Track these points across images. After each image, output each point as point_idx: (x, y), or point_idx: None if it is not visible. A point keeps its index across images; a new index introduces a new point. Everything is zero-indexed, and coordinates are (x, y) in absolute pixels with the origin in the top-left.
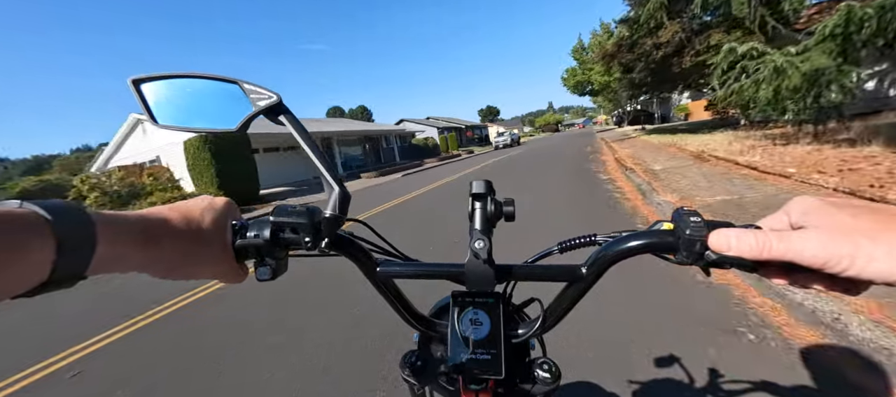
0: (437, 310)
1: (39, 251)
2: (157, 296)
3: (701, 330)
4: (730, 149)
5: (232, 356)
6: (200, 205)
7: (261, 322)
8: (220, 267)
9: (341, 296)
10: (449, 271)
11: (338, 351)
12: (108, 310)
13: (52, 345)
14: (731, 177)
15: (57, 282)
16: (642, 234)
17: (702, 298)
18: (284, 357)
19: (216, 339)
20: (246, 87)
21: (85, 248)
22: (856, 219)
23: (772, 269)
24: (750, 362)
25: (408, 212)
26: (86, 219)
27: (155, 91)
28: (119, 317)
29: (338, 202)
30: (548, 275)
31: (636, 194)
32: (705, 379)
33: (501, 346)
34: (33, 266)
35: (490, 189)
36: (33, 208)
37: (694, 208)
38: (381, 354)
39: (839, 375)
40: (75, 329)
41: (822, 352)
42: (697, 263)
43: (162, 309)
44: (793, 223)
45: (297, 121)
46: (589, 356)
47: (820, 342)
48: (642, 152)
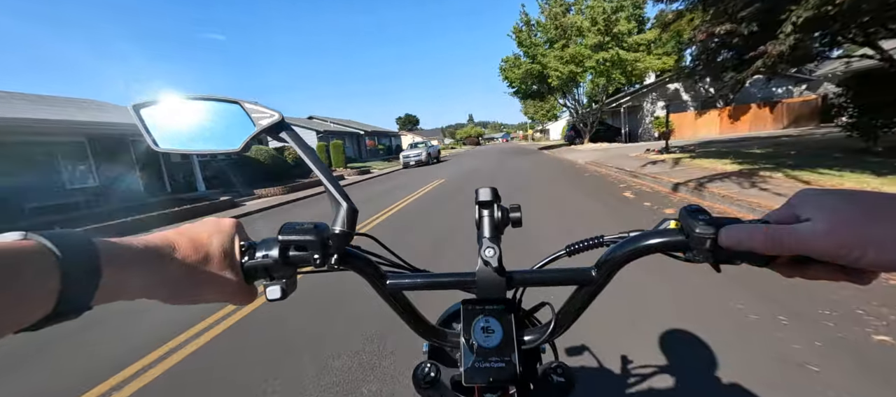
0: (445, 319)
1: (45, 284)
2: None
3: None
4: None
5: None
6: (207, 228)
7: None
8: (230, 289)
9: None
10: (459, 280)
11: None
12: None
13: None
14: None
15: (62, 315)
16: (651, 234)
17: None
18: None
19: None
20: (247, 107)
21: (90, 279)
22: (863, 210)
23: (783, 263)
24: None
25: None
26: (91, 249)
27: (155, 114)
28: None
29: (346, 218)
30: (559, 279)
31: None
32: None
33: (515, 353)
34: (39, 300)
35: (496, 196)
36: (39, 240)
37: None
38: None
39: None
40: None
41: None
42: (708, 261)
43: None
44: (798, 216)
45: (300, 138)
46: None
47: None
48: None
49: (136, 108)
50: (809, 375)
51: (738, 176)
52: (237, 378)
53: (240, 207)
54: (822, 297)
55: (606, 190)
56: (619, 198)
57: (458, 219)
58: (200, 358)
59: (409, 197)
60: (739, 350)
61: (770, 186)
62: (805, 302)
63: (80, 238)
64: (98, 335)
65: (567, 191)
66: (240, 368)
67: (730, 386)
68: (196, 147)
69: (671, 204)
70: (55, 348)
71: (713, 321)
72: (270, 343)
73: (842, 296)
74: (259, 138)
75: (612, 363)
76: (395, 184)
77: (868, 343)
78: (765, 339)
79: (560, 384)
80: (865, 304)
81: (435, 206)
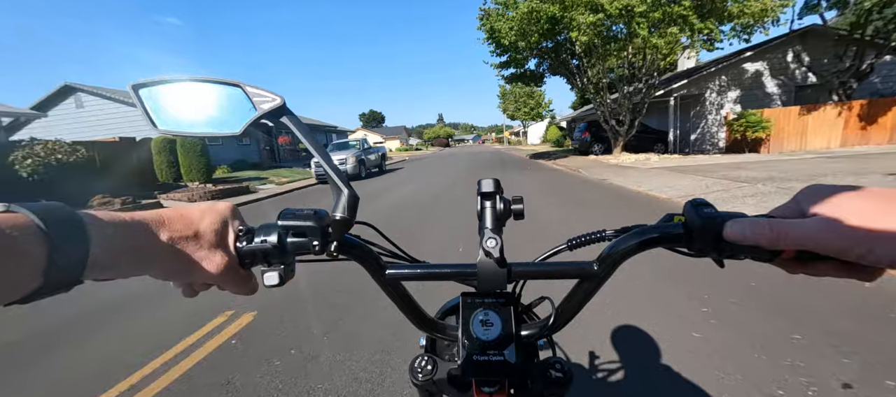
0: (444, 312)
1: (30, 256)
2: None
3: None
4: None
5: None
6: (201, 208)
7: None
8: (223, 271)
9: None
10: (460, 272)
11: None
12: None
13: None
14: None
15: (52, 287)
16: (655, 228)
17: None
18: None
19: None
20: (249, 90)
21: (78, 250)
22: (869, 206)
23: (788, 259)
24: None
25: None
26: (76, 220)
27: (155, 95)
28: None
29: (347, 204)
30: (560, 272)
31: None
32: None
33: (514, 347)
34: (25, 271)
35: (498, 187)
36: (22, 211)
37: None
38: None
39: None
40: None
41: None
42: (712, 255)
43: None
44: (804, 211)
45: (301, 123)
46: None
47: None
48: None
49: (136, 88)
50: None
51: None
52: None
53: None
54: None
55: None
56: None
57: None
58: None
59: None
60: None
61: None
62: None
63: (65, 210)
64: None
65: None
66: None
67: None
68: (196, 130)
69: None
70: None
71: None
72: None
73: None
74: (258, 122)
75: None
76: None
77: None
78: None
79: (558, 379)
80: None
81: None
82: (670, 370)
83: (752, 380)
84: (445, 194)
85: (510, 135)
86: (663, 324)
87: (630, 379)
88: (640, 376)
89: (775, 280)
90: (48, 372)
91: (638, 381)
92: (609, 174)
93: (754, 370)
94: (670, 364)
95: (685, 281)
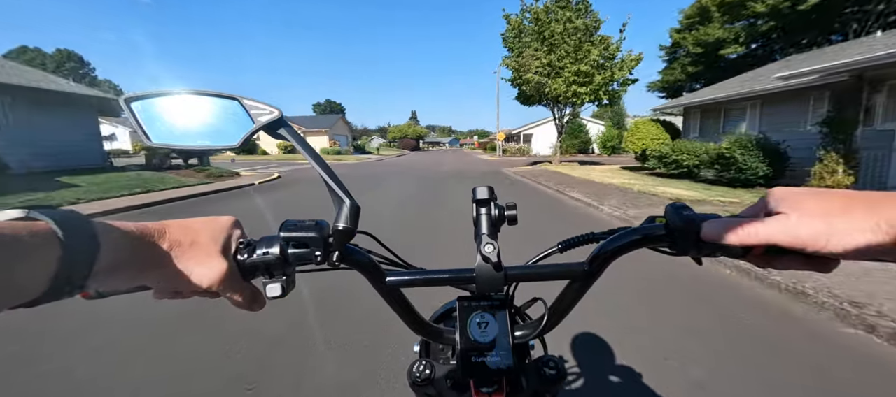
0: (439, 316)
1: (44, 262)
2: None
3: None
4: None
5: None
6: (202, 220)
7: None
8: (224, 281)
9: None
10: (458, 276)
11: None
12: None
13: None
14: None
15: (56, 293)
16: (640, 229)
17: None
18: None
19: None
20: (246, 103)
21: (88, 258)
22: (826, 203)
23: (758, 255)
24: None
25: None
26: (90, 229)
27: (148, 108)
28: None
29: (349, 214)
30: (553, 273)
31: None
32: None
33: (510, 347)
34: (37, 278)
35: (492, 194)
36: (43, 218)
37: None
38: None
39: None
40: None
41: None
42: (690, 253)
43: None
44: (770, 211)
45: (298, 135)
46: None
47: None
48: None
49: (128, 101)
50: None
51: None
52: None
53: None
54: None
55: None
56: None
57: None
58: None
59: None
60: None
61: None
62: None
63: (80, 218)
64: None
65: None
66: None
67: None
68: (192, 142)
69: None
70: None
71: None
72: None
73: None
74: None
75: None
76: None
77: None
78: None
79: (552, 376)
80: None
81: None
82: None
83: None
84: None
85: (504, 140)
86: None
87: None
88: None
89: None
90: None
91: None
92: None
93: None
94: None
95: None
